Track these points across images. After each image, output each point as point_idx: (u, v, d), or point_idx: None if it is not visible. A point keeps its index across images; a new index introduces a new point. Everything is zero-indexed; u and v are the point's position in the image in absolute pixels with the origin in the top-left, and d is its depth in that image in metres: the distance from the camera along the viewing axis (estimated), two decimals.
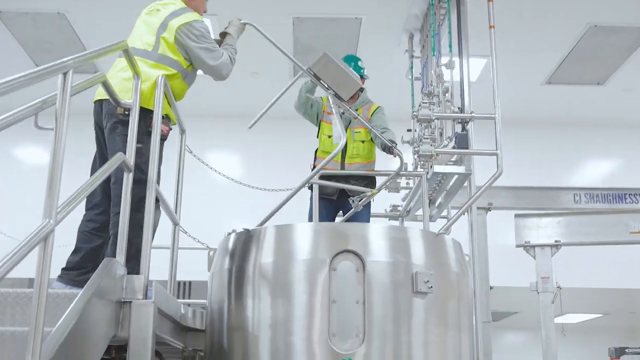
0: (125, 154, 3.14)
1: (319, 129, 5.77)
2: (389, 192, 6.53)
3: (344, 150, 5.57)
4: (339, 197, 5.61)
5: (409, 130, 6.59)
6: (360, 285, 3.20)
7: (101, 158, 3.82)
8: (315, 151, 5.81)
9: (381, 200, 6.67)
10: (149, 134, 3.51)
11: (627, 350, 8.61)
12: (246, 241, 3.49)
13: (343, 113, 4.84)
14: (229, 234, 3.97)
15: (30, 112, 2.36)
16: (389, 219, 6.59)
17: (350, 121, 5.59)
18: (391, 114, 5.91)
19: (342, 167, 5.59)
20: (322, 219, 5.38)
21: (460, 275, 3.54)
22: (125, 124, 3.47)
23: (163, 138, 3.69)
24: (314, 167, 5.71)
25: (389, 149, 5.06)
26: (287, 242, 3.38)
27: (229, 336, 3.38)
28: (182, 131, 4.25)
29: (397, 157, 4.66)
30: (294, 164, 6.10)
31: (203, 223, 9.37)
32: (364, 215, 5.47)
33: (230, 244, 3.58)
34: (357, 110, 5.66)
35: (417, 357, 3.22)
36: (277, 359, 3.16)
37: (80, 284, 3.28)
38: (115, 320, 2.96)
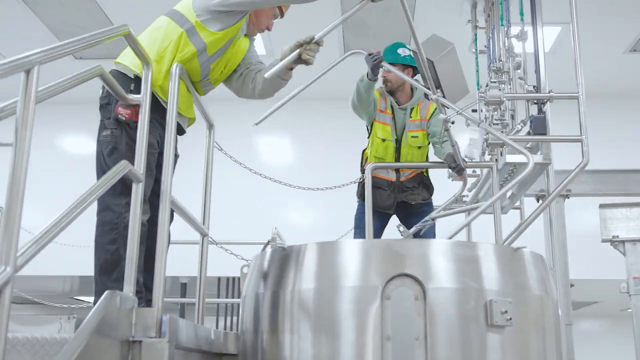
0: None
1: (370, 129, 5.03)
2: (452, 180, 5.86)
3: (397, 157, 4.90)
4: (396, 212, 4.98)
5: (475, 111, 5.89)
6: (421, 317, 2.59)
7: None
8: (363, 151, 5.18)
9: (445, 191, 6.02)
10: (118, 121, 3.07)
11: None
12: (283, 261, 2.91)
13: (454, 122, 4.03)
14: (265, 245, 3.42)
15: None
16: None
17: (406, 123, 4.89)
18: None
19: (397, 177, 4.92)
20: (376, 236, 4.76)
21: (545, 299, 2.88)
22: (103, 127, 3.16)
23: (126, 123, 3.10)
24: (363, 169, 5.08)
25: (458, 170, 4.43)
26: (331, 264, 2.78)
27: None
28: (210, 126, 3.67)
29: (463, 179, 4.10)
30: (352, 150, 5.48)
31: (248, 217, 8.92)
32: (429, 230, 4.85)
33: (265, 263, 3.01)
34: (412, 110, 4.93)
35: None
36: None
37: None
38: None
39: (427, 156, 5.05)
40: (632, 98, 9.90)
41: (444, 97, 3.65)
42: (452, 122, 3.83)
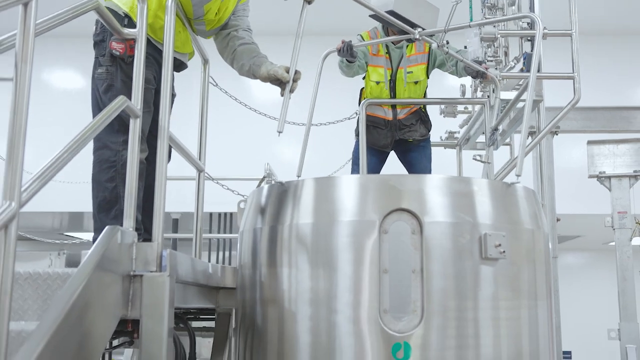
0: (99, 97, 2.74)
1: (366, 72, 4.95)
2: (444, 117, 5.88)
3: (393, 96, 4.83)
4: (394, 148, 4.97)
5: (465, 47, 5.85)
6: (417, 251, 2.64)
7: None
8: (361, 90, 5.09)
9: (436, 127, 6.04)
10: (112, 57, 3.04)
11: None
12: (280, 196, 2.94)
13: (448, 42, 3.86)
14: (261, 181, 3.45)
15: None
16: (445, 148, 5.96)
17: (401, 59, 4.82)
18: None
19: (395, 115, 4.89)
20: (375, 173, 4.75)
21: (536, 232, 2.94)
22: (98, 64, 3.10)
23: (121, 58, 3.06)
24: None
25: (482, 74, 4.34)
26: (328, 199, 2.81)
27: (263, 311, 2.87)
28: (205, 61, 3.65)
29: (491, 78, 4.15)
30: (348, 87, 5.41)
31: (242, 153, 8.91)
32: (423, 158, 4.86)
33: (263, 199, 3.04)
34: (407, 47, 4.83)
35: (486, 336, 2.67)
36: (319, 341, 2.66)
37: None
38: (123, 298, 2.45)
39: (425, 92, 5.02)
40: (622, 36, 9.84)
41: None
42: (447, 42, 3.80)
